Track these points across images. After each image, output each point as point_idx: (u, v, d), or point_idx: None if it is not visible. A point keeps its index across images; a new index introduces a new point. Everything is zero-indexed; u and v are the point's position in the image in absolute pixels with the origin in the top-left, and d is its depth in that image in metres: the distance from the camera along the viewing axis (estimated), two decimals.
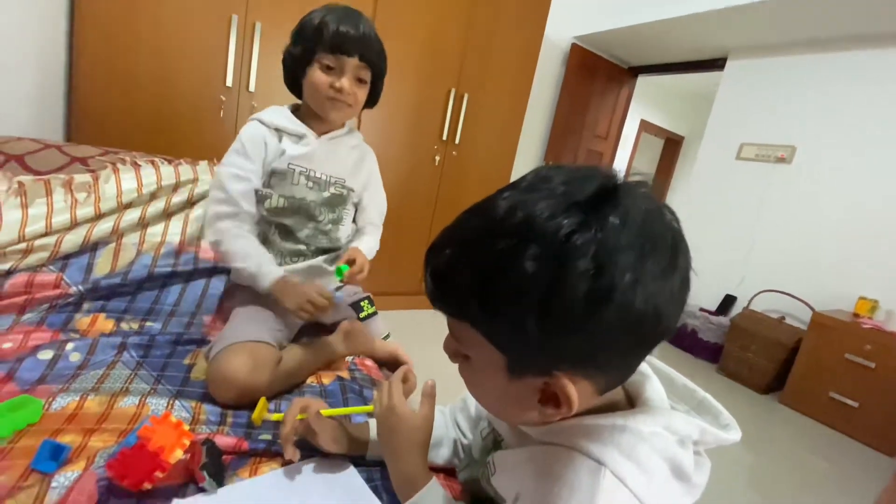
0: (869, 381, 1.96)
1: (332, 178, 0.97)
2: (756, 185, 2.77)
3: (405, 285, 2.46)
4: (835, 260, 2.42)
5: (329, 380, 0.83)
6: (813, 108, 2.55)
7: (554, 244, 0.30)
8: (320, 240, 0.97)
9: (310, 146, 0.93)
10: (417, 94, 2.18)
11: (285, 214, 0.93)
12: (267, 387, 0.72)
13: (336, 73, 0.87)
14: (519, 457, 0.45)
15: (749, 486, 1.52)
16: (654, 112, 5.55)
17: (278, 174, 0.91)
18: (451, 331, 0.40)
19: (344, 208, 1.00)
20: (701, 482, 0.42)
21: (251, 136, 0.89)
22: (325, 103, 0.90)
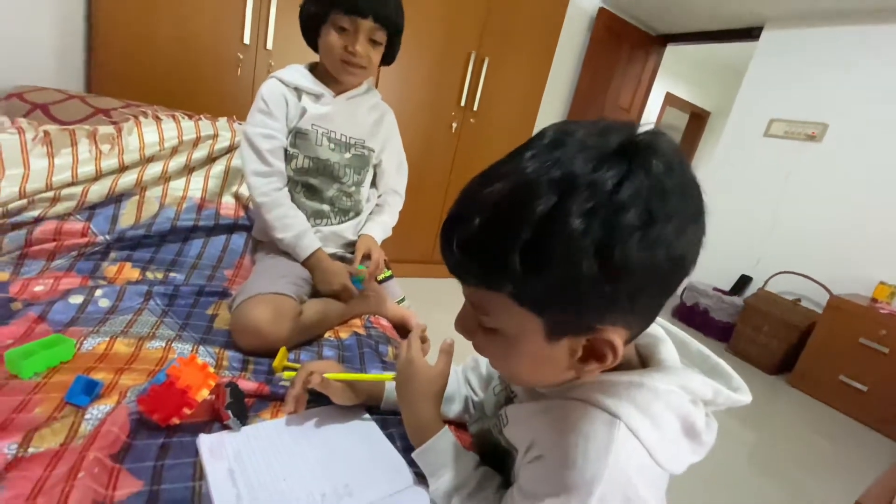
0: (881, 366, 1.95)
1: (353, 139, 0.97)
2: (783, 163, 2.68)
3: (419, 253, 2.48)
4: (857, 244, 2.36)
5: (346, 334, 0.86)
6: (849, 85, 2.42)
7: (602, 196, 0.30)
8: (343, 201, 0.99)
9: (329, 106, 0.93)
10: (436, 57, 2.12)
11: (311, 174, 0.94)
12: (287, 337, 0.74)
13: (350, 36, 0.86)
14: (533, 409, 0.46)
15: (749, 462, 1.55)
16: (680, 85, 5.33)
17: (301, 135, 0.92)
18: (476, 304, 0.39)
19: (366, 170, 1.01)
20: (709, 442, 0.43)
21: (272, 93, 0.89)
22: (339, 66, 0.89)
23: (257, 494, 0.47)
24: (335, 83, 0.94)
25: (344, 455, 0.56)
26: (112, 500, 0.44)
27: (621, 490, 0.37)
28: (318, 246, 0.90)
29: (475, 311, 0.39)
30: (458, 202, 0.36)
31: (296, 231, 0.89)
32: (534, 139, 0.35)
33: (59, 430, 0.50)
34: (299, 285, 0.85)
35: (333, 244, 0.98)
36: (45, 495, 0.42)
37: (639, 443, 0.37)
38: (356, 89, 0.97)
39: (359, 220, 1.02)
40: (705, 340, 2.63)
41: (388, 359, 0.79)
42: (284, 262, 0.89)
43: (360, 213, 1.02)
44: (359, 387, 0.63)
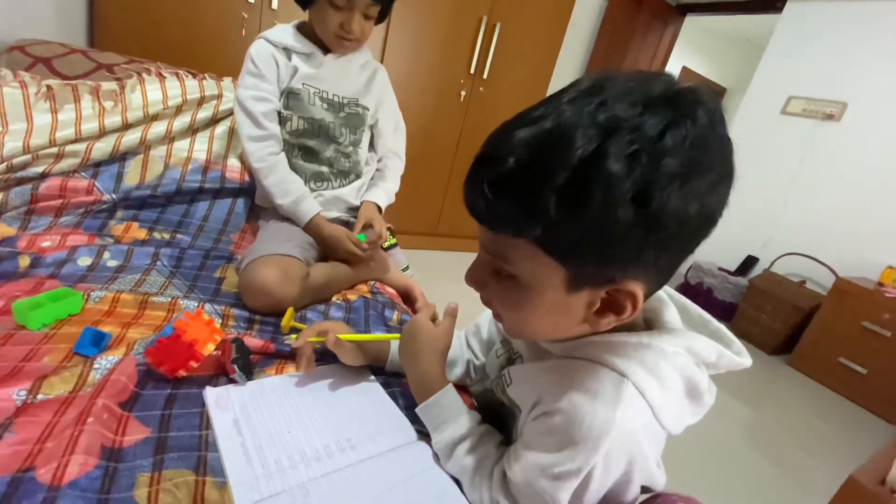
0: (882, 350, 1.95)
1: (346, 98, 0.95)
2: (799, 142, 2.61)
3: (424, 224, 2.47)
4: (867, 227, 2.32)
5: (355, 297, 0.87)
6: (872, 64, 2.33)
7: (646, 140, 0.30)
8: (342, 162, 0.97)
9: (320, 65, 0.91)
10: (446, 21, 2.05)
11: (307, 136, 0.93)
12: (296, 298, 0.75)
13: (345, 13, 0.84)
14: (539, 368, 0.47)
15: (744, 440, 1.57)
16: (697, 59, 5.16)
17: (294, 95, 0.90)
18: (496, 252, 0.38)
19: (362, 129, 0.99)
20: (709, 403, 0.43)
21: (260, 55, 0.87)
22: (333, 40, 0.88)
23: (262, 443, 0.49)
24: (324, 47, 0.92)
25: (347, 411, 0.57)
26: (121, 444, 0.45)
27: (627, 447, 0.38)
28: (318, 210, 0.90)
29: (492, 260, 0.39)
30: (490, 143, 0.35)
31: (294, 196, 0.89)
32: (571, 85, 0.34)
33: (68, 379, 0.51)
34: (306, 248, 0.85)
35: (336, 208, 0.98)
36: (54, 439, 0.43)
37: (645, 402, 0.38)
38: None
39: (360, 183, 1.01)
40: None
41: (391, 323, 0.80)
42: (289, 226, 0.89)
43: (361, 176, 1.01)
44: (366, 347, 0.64)
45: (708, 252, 2.93)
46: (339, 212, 0.99)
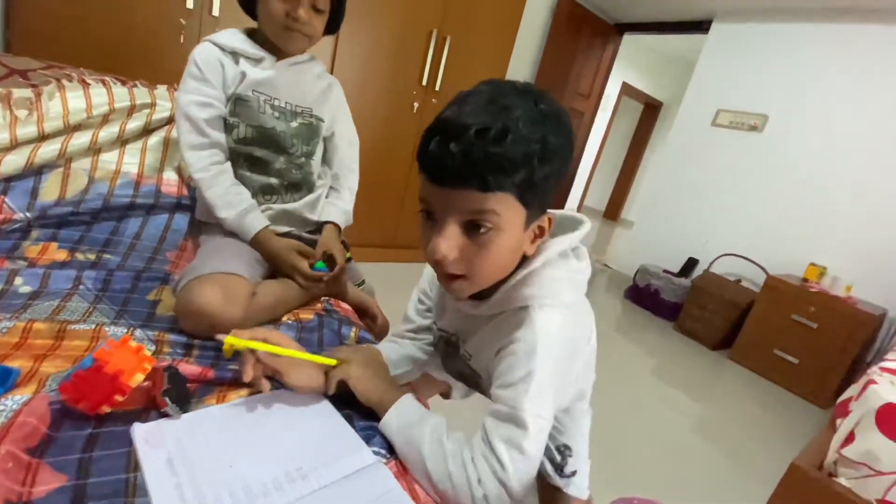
0: (811, 341, 2.12)
1: (299, 107, 0.91)
2: (728, 152, 2.83)
3: (380, 237, 2.43)
4: (792, 228, 2.54)
5: (309, 315, 0.82)
6: (788, 79, 2.58)
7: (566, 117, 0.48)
8: (293, 174, 0.93)
9: (271, 71, 0.86)
10: (397, 34, 2.06)
11: (255, 145, 0.88)
12: (240, 320, 0.69)
13: (292, 2, 0.80)
14: (488, 331, 0.57)
15: (693, 431, 1.65)
16: (636, 75, 5.49)
17: (242, 102, 0.85)
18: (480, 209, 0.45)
19: (316, 141, 0.95)
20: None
21: (205, 58, 0.82)
22: (282, 33, 0.83)
23: (200, 482, 0.44)
24: (276, 50, 0.88)
25: (297, 438, 0.53)
26: (30, 496, 0.39)
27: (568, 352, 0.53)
28: (265, 224, 0.84)
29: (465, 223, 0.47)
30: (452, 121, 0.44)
31: (239, 208, 0.83)
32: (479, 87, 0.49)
33: None
34: (252, 265, 0.80)
35: (287, 223, 0.93)
36: None
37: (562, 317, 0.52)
38: (299, 56, 0.91)
39: (314, 197, 0.96)
40: (655, 320, 2.77)
41: (349, 341, 0.76)
42: (234, 242, 0.83)
43: (314, 190, 0.97)
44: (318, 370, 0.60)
45: (653, 255, 3.09)
46: (291, 226, 0.94)
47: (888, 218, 2.22)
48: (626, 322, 2.68)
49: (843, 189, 2.37)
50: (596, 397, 0.67)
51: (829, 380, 2.06)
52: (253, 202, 0.86)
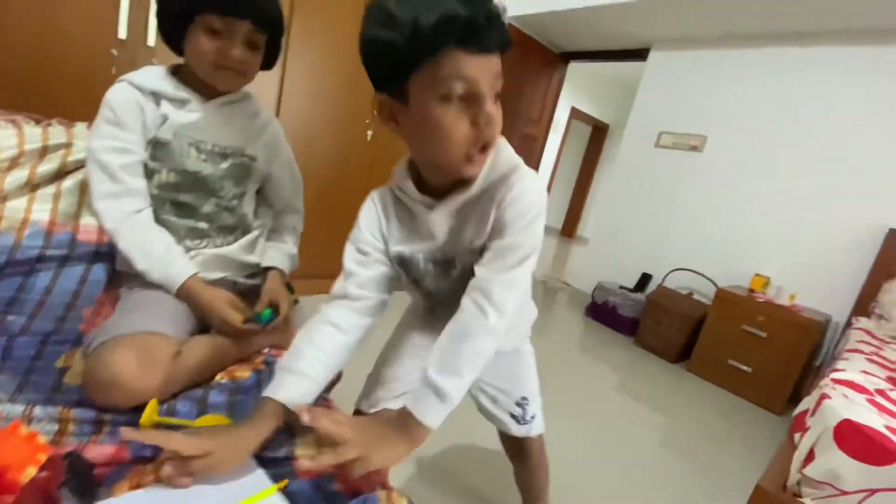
0: (761, 349, 2.21)
1: (229, 148, 0.84)
2: (672, 171, 2.97)
3: (337, 268, 2.34)
4: (736, 241, 2.68)
5: (245, 373, 0.74)
6: (724, 102, 2.76)
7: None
8: (224, 217, 0.86)
9: (197, 113, 0.80)
10: (346, 64, 2.04)
11: (180, 190, 0.81)
12: (160, 388, 0.61)
13: (224, 38, 0.74)
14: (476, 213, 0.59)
15: (659, 446, 1.66)
16: (584, 100, 5.76)
17: (162, 145, 0.78)
18: (499, 72, 0.51)
19: (248, 180, 0.89)
20: None
21: (121, 100, 0.75)
22: (213, 72, 0.77)
23: None
24: (205, 88, 0.81)
25: None
26: None
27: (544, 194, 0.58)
28: (192, 272, 0.77)
29: (495, 90, 0.51)
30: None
31: (161, 257, 0.75)
32: None
33: None
34: (177, 320, 0.72)
35: (220, 268, 0.85)
36: None
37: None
38: (231, 95, 0.85)
39: (250, 238, 0.89)
40: (616, 336, 2.82)
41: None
42: (157, 294, 0.75)
43: (250, 231, 0.90)
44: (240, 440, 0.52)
45: (609, 272, 3.17)
46: (225, 272, 0.86)
47: (823, 227, 2.38)
48: (588, 340, 2.71)
49: (779, 202, 2.53)
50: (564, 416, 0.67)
51: (782, 386, 2.14)
52: (178, 248, 0.78)
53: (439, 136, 0.51)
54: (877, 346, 1.61)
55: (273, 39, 0.83)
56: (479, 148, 0.53)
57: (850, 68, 2.30)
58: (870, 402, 0.95)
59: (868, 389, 1.04)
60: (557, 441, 1.54)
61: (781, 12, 2.31)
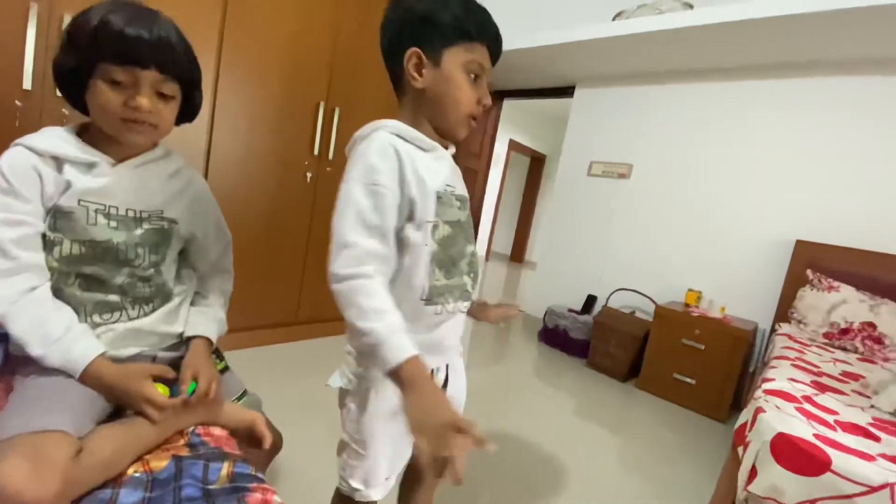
0: (701, 361, 2.33)
1: (145, 212, 0.77)
2: (605, 197, 3.16)
3: (281, 314, 2.23)
4: (668, 259, 2.86)
5: (162, 462, 0.65)
6: (645, 131, 3.01)
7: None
8: (140, 288, 0.77)
9: (106, 177, 0.72)
10: (282, 107, 2.01)
11: (86, 262, 0.72)
12: (58, 496, 0.52)
13: (129, 90, 0.68)
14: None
15: (620, 466, 1.68)
16: (521, 133, 6.06)
17: (65, 214, 0.70)
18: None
19: (167, 246, 0.81)
20: None
21: (15, 166, 0.66)
22: (121, 127, 0.70)
23: None
24: (116, 147, 0.74)
25: None
26: None
27: None
28: (98, 353, 0.67)
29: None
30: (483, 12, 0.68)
31: (60, 340, 0.66)
32: None
33: None
34: (81, 411, 0.62)
35: (137, 343, 0.76)
36: None
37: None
38: (148, 153, 0.78)
39: (170, 307, 0.81)
40: (569, 359, 2.87)
41: (217, 484, 0.61)
42: (58, 380, 0.65)
43: (171, 299, 0.82)
44: None
45: (558, 296, 3.26)
46: (142, 346, 0.77)
47: (742, 242, 2.61)
48: (542, 365, 2.74)
49: (701, 220, 2.75)
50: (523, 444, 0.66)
51: (724, 395, 2.26)
52: (81, 327, 0.69)
53: (456, 95, 0.67)
54: (799, 349, 1.74)
55: (190, 88, 0.77)
56: (474, 117, 0.70)
57: (759, 99, 2.59)
58: (799, 411, 1.01)
59: (796, 397, 1.12)
60: (519, 469, 1.52)
61: (690, 53, 2.58)
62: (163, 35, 0.68)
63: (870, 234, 2.22)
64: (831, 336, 2.00)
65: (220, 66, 1.78)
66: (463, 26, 0.64)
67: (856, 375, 1.50)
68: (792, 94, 2.47)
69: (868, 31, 1.98)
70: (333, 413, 0.74)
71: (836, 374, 1.48)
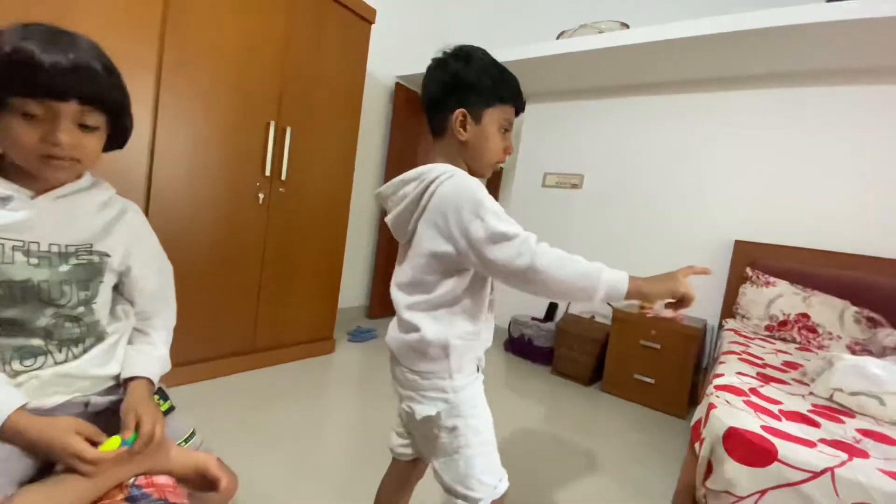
0: (659, 361, 2.42)
1: (71, 246, 0.71)
2: (560, 207, 3.27)
3: (237, 343, 2.12)
4: (619, 263, 2.93)
5: None
6: (595, 143, 3.14)
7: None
8: (68, 329, 0.71)
9: (24, 210, 0.66)
10: (229, 128, 1.94)
11: (3, 304, 0.65)
12: None
13: (46, 124, 0.62)
14: None
15: (589, 468, 1.70)
16: None
17: None
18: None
19: (99, 281, 0.75)
20: None
21: None
22: (39, 164, 0.64)
23: None
24: (33, 180, 0.68)
25: None
26: None
27: None
28: (18, 405, 0.61)
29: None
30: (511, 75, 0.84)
31: None
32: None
33: None
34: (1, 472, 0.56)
35: (66, 390, 0.69)
36: None
37: None
38: (73, 184, 0.72)
39: (104, 347, 0.75)
40: (535, 367, 2.90)
41: None
42: None
43: (103, 338, 0.76)
44: None
45: (520, 306, 3.31)
46: (72, 392, 0.70)
47: (687, 242, 2.76)
48: (510, 374, 2.75)
49: (649, 223, 2.89)
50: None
51: (681, 392, 2.36)
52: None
53: (491, 147, 0.83)
54: (744, 343, 1.85)
55: (116, 115, 0.72)
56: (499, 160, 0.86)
57: (697, 111, 2.77)
58: (747, 404, 1.07)
59: (744, 391, 1.18)
60: None
61: (630, 69, 2.73)
62: (82, 61, 0.63)
63: (801, 232, 2.41)
64: (771, 328, 2.14)
65: (160, 87, 1.70)
66: (500, 93, 0.81)
67: (795, 364, 1.60)
68: (726, 106, 2.67)
69: (777, 49, 2.18)
70: (294, 447, 0.70)
71: (777, 365, 1.57)
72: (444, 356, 0.77)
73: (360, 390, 2.24)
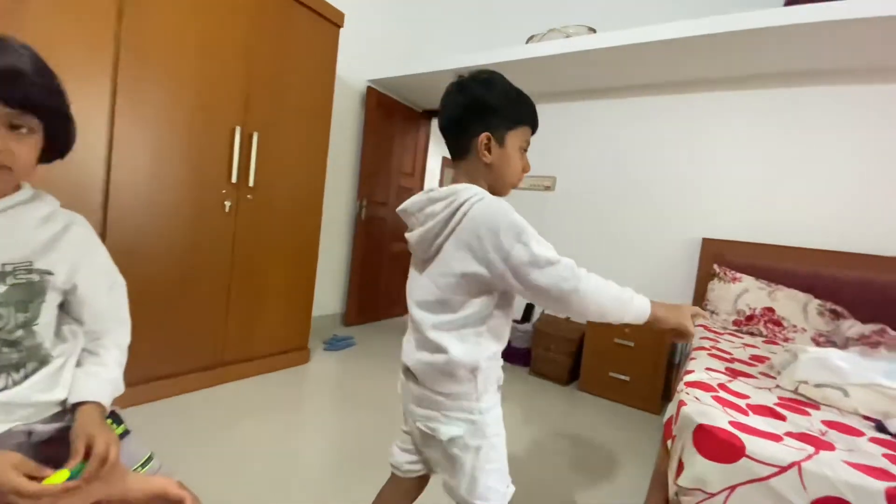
0: (632, 358, 2.47)
1: (9, 265, 0.67)
2: (533, 209, 3.30)
3: (205, 357, 2.05)
4: (591, 263, 2.97)
5: None
6: (566, 145, 3.19)
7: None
8: (6, 354, 0.66)
9: None
10: (192, 134, 1.88)
11: None
12: None
13: None
14: None
15: (569, 468, 1.72)
16: None
17: None
18: None
19: (40, 301, 0.71)
20: None
21: None
22: None
23: None
24: None
25: None
26: None
27: None
28: None
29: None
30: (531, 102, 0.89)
31: None
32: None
33: None
34: None
35: (5, 418, 0.64)
36: None
37: None
38: (9, 198, 0.68)
39: (49, 371, 0.69)
40: (514, 369, 2.91)
41: None
42: None
43: (48, 362, 0.71)
44: None
45: None
46: (13, 421, 0.65)
47: (658, 242, 2.82)
48: None
49: (621, 224, 2.95)
50: None
51: (655, 388, 2.41)
52: None
53: (513, 166, 0.87)
54: (713, 338, 1.90)
55: (53, 120, 0.68)
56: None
57: (664, 113, 2.83)
58: (715, 400, 1.09)
59: (713, 386, 1.20)
60: None
61: (598, 72, 2.78)
62: (9, 64, 0.60)
63: (765, 229, 2.50)
64: (739, 323, 2.20)
65: (117, 92, 1.63)
66: (520, 116, 0.86)
67: (762, 358, 1.65)
68: (691, 107, 2.74)
69: (741, 51, 2.27)
70: (263, 465, 0.67)
71: (745, 359, 1.62)
72: (472, 378, 0.78)
73: (336, 401, 2.20)
